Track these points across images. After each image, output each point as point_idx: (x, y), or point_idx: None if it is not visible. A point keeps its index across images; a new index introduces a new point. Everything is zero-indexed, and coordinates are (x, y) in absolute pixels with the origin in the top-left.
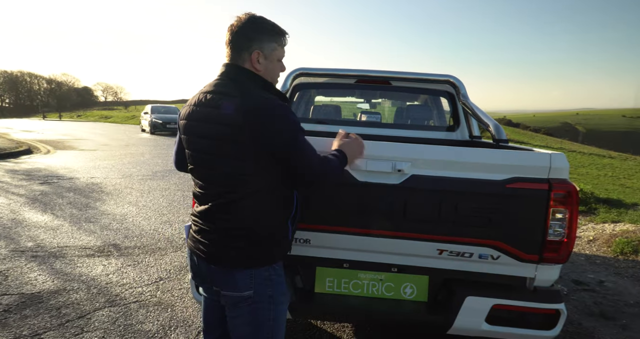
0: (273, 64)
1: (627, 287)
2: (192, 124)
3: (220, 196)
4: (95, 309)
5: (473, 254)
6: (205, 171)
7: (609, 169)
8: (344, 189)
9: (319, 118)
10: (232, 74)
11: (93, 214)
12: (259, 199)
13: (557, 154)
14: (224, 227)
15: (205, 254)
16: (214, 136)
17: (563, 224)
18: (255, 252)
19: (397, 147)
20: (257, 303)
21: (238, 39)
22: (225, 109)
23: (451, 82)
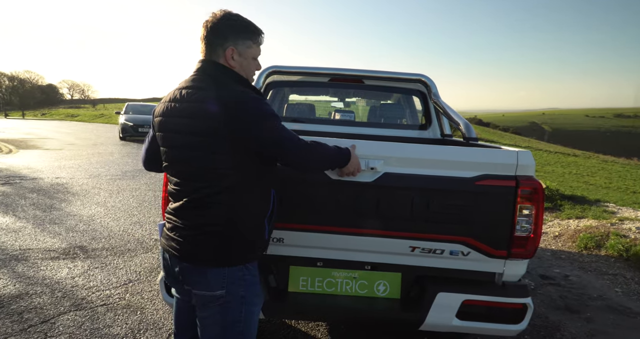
0: (247, 62)
1: (590, 281)
2: (168, 120)
3: (195, 192)
4: (59, 313)
5: (444, 251)
6: (181, 167)
7: (573, 167)
8: (317, 187)
9: (293, 117)
10: (208, 70)
11: (58, 215)
12: (235, 194)
13: (524, 151)
14: (199, 223)
15: (178, 252)
16: (189, 131)
17: (530, 220)
18: (230, 250)
19: (370, 145)
20: (228, 303)
21: (212, 35)
22: (201, 103)
23: (423, 82)
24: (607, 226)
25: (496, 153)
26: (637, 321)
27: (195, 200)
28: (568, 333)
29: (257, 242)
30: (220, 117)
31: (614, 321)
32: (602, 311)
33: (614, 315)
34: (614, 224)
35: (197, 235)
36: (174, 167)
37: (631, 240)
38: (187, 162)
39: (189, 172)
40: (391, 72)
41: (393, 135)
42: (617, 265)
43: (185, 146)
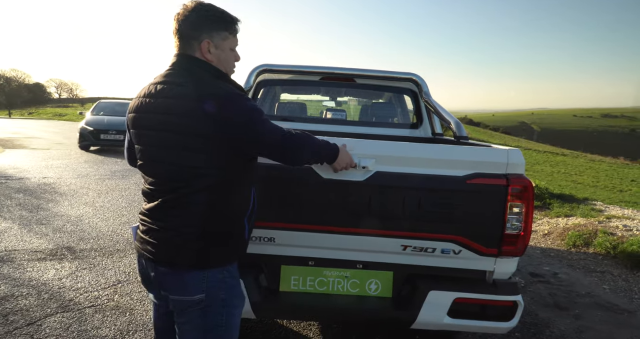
0: (226, 54)
1: (579, 278)
2: (142, 116)
3: (172, 192)
4: (46, 315)
5: (435, 250)
6: (156, 166)
7: (562, 166)
8: (308, 186)
9: (284, 115)
10: (184, 64)
11: (45, 216)
12: (214, 194)
13: (514, 150)
14: (175, 225)
15: (154, 255)
16: (165, 128)
17: (520, 218)
18: (209, 252)
19: (362, 144)
20: (208, 307)
21: (185, 28)
22: (178, 99)
23: (414, 80)
24: (595, 224)
25: (487, 152)
26: (624, 317)
27: (172, 200)
28: (557, 329)
29: (237, 243)
30: (199, 114)
31: (601, 317)
32: (590, 308)
33: (602, 312)
34: (602, 222)
35: (173, 237)
36: (148, 166)
37: (618, 238)
38: (163, 160)
39: (165, 172)
40: (382, 71)
41: (384, 134)
42: (604, 262)
43: (161, 144)
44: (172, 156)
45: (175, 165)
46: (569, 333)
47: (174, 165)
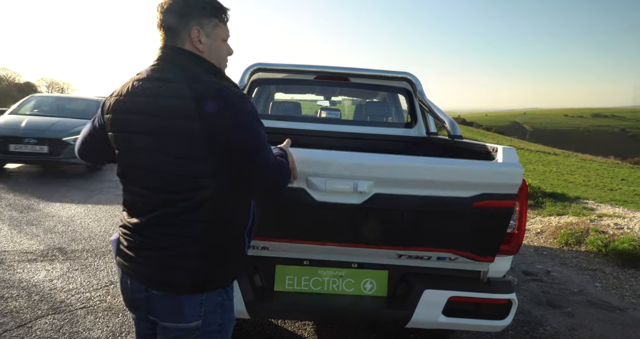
0: (217, 44)
1: (571, 276)
2: (126, 118)
3: (166, 205)
4: (37, 317)
5: (431, 257)
6: (146, 174)
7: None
8: (300, 209)
9: (278, 115)
10: (172, 57)
11: (36, 216)
12: (214, 207)
13: (507, 148)
14: (171, 243)
15: (145, 277)
16: (157, 131)
17: (514, 217)
18: (209, 273)
19: (360, 165)
20: (204, 335)
21: (171, 17)
22: (171, 99)
23: (408, 80)
24: (587, 222)
25: (499, 172)
26: (615, 315)
27: (167, 215)
28: (550, 327)
29: (237, 260)
30: (196, 116)
31: (594, 315)
32: (582, 305)
33: (594, 309)
34: (594, 220)
35: (169, 257)
36: (136, 175)
37: (609, 236)
38: (156, 169)
39: (158, 181)
40: (377, 70)
41: (379, 133)
42: (596, 260)
43: (154, 149)
44: (167, 163)
45: (171, 174)
46: (562, 331)
47: (169, 174)
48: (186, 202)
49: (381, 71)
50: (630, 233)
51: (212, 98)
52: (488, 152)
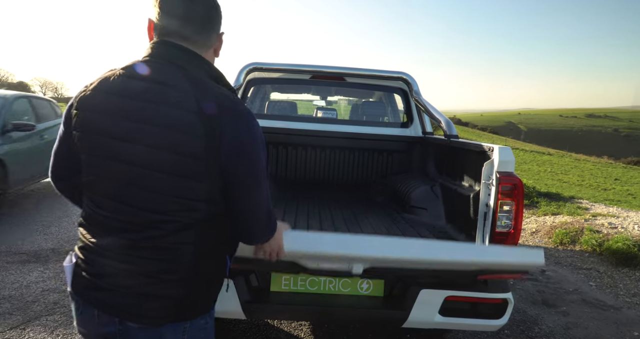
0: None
1: (566, 275)
2: (110, 120)
3: (150, 225)
4: (29, 319)
5: None
6: (129, 190)
7: (548, 165)
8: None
9: (274, 114)
10: (176, 58)
11: (29, 216)
12: (205, 231)
13: (504, 148)
14: (152, 269)
15: (119, 309)
16: (153, 143)
17: (510, 216)
18: (194, 300)
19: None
20: None
21: (204, 12)
22: (174, 108)
23: (404, 79)
24: (582, 222)
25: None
26: (610, 313)
27: (149, 237)
28: (546, 326)
29: (221, 283)
30: (197, 129)
31: (589, 314)
32: (577, 304)
33: (589, 308)
34: (588, 220)
35: (150, 285)
36: (110, 187)
37: (604, 235)
38: (143, 186)
39: (144, 198)
40: (373, 70)
41: (375, 133)
42: (590, 260)
43: (141, 162)
44: (159, 181)
45: (163, 193)
46: (557, 330)
47: (159, 192)
48: (174, 225)
49: (377, 71)
50: (624, 232)
51: (224, 111)
52: (484, 152)
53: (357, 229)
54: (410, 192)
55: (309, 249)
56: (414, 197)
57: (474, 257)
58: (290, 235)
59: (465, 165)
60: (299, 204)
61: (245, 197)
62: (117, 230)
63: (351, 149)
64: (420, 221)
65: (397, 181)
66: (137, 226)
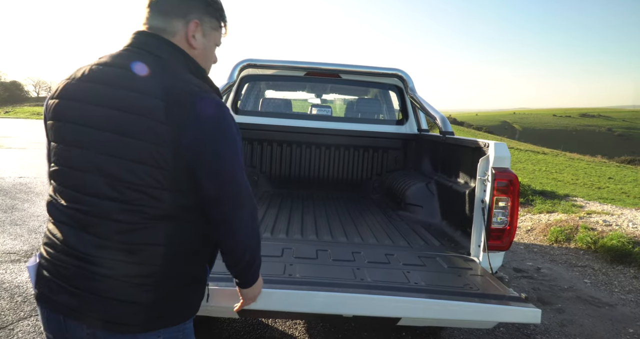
0: (211, 46)
1: (561, 273)
2: (76, 106)
3: (116, 220)
4: (19, 319)
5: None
6: (95, 179)
7: (542, 164)
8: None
9: (268, 111)
10: (151, 46)
11: (20, 216)
12: (177, 232)
13: (499, 143)
14: (122, 272)
15: (85, 315)
16: (116, 129)
17: (506, 212)
18: (166, 307)
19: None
20: None
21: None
22: (138, 94)
23: (399, 76)
24: (576, 219)
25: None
26: (605, 310)
27: (117, 233)
28: (541, 324)
29: (199, 291)
30: (164, 119)
31: (584, 311)
32: (572, 302)
33: (584, 306)
34: (583, 217)
35: (118, 289)
36: (75, 175)
37: (598, 233)
38: (105, 171)
39: (106, 187)
40: (368, 66)
41: (370, 130)
42: (585, 257)
43: (106, 148)
44: (122, 168)
45: (124, 181)
46: (552, 327)
47: (120, 181)
48: (138, 216)
49: (372, 67)
50: (619, 230)
51: (187, 96)
52: (479, 148)
53: (352, 229)
54: (405, 189)
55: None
56: (410, 194)
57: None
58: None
59: (460, 162)
60: (293, 203)
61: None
62: (82, 224)
63: (346, 146)
64: (416, 219)
65: (393, 178)
66: (101, 217)
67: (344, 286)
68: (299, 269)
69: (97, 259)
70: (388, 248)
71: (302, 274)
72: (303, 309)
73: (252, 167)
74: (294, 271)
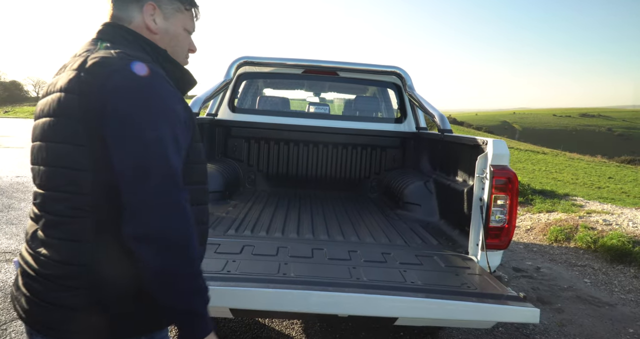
0: (176, 30)
1: (560, 272)
2: (39, 103)
3: (47, 211)
4: (12, 318)
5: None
6: (37, 169)
7: (542, 164)
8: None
9: (265, 109)
10: (105, 35)
11: (16, 215)
12: (105, 222)
13: (497, 141)
14: (52, 272)
15: (25, 315)
16: (48, 110)
17: (504, 210)
18: (101, 315)
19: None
20: None
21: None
22: (68, 72)
23: (397, 74)
24: (576, 219)
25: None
26: (605, 310)
27: (48, 226)
28: (540, 323)
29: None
30: (75, 90)
31: (583, 311)
32: (572, 301)
33: (584, 305)
34: (582, 217)
35: (50, 291)
36: (33, 169)
37: (598, 232)
38: (41, 157)
39: (43, 176)
40: (366, 64)
41: (368, 128)
42: (585, 256)
43: (41, 133)
44: (50, 151)
45: (51, 165)
46: (552, 327)
47: (49, 166)
48: (63, 206)
49: (370, 65)
50: (619, 229)
51: (100, 62)
52: (478, 146)
53: (349, 228)
54: (403, 188)
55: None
56: (408, 193)
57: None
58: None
59: (459, 160)
60: (290, 202)
61: (127, 191)
62: (34, 218)
63: (344, 145)
64: (414, 218)
65: (391, 177)
66: (41, 210)
67: (339, 285)
68: (293, 268)
69: (36, 257)
70: (385, 247)
71: (297, 273)
72: (297, 308)
73: (249, 165)
74: (289, 270)
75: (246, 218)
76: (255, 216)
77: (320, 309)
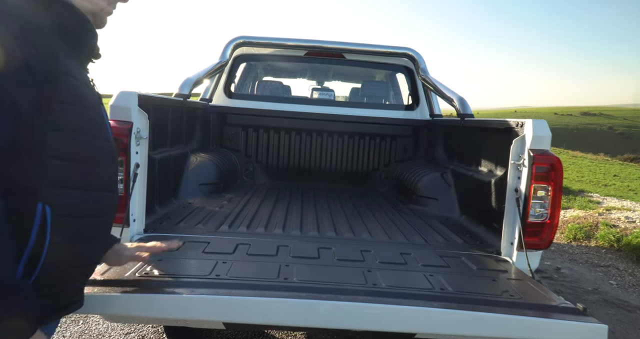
0: None
1: (583, 273)
2: None
3: None
4: None
5: None
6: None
7: None
8: None
9: (264, 94)
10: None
11: None
12: None
13: (538, 121)
14: None
15: None
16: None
17: (545, 203)
18: None
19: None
20: None
21: None
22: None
23: (409, 56)
24: (595, 216)
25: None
26: (637, 315)
27: None
28: None
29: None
30: None
31: (613, 316)
32: (599, 305)
33: (613, 310)
34: (602, 214)
35: None
36: None
37: (622, 230)
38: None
39: None
40: (375, 45)
41: (377, 116)
42: (608, 256)
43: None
44: None
45: None
46: None
47: None
48: None
49: (379, 46)
50: None
51: None
52: (511, 129)
53: (359, 224)
54: (417, 180)
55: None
56: (422, 186)
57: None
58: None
59: (483, 147)
60: (292, 196)
61: None
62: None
63: (350, 134)
64: (431, 213)
65: (402, 169)
66: None
67: (352, 293)
68: (296, 272)
69: None
70: (402, 246)
71: (301, 277)
72: (302, 323)
73: (247, 156)
74: (291, 274)
75: (242, 213)
76: (253, 210)
77: (330, 323)
